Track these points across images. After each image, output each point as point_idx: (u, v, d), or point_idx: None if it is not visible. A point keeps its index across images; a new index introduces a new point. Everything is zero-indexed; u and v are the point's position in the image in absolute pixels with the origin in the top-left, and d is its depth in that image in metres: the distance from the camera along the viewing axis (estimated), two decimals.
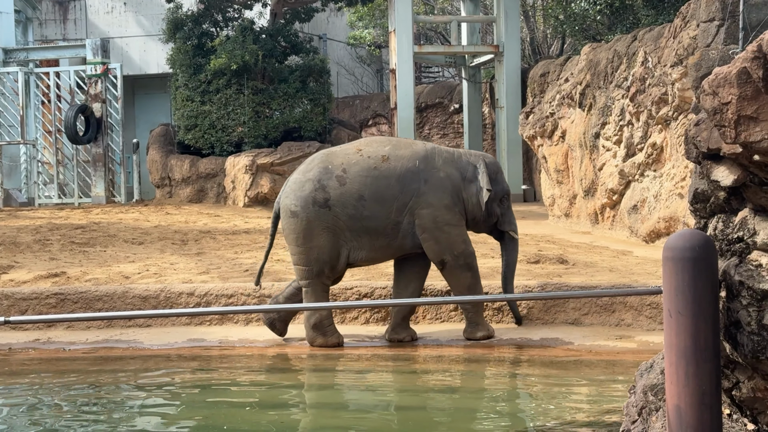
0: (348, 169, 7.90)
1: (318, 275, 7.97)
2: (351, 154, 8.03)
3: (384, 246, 8.00)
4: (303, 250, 7.94)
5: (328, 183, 7.88)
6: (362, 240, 7.93)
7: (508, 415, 6.41)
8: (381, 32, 26.81)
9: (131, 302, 8.99)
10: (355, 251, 7.97)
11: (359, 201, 7.84)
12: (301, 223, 7.91)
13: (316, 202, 7.86)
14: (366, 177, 7.86)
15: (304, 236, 7.91)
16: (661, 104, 11.43)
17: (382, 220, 7.87)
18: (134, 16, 24.25)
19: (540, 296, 8.69)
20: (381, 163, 7.92)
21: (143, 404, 6.75)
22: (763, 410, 3.70)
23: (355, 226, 7.88)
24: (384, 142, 8.21)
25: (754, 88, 3.25)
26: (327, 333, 8.06)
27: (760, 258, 3.48)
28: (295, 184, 8.05)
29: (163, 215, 16.88)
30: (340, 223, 7.87)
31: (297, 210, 7.92)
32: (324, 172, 7.93)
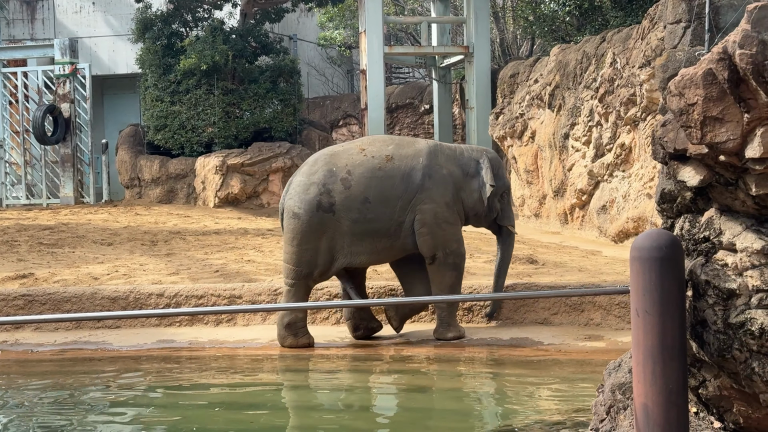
0: (352, 171, 7.91)
1: (305, 277, 7.98)
2: (355, 154, 8.02)
3: (387, 248, 8.02)
4: (297, 251, 7.93)
5: (333, 187, 7.87)
6: (364, 244, 7.92)
7: (478, 414, 6.43)
8: (351, 33, 26.79)
9: (100, 303, 8.94)
10: (354, 256, 7.95)
11: (364, 204, 7.86)
12: (301, 226, 7.90)
13: (321, 207, 7.87)
14: (371, 179, 7.88)
15: (301, 238, 7.90)
16: (630, 105, 11.52)
17: (386, 221, 7.89)
18: (103, 16, 24.07)
19: (510, 296, 8.72)
20: (385, 163, 7.95)
21: (112, 406, 6.71)
22: (729, 408, 3.74)
23: (358, 230, 7.87)
24: (387, 141, 8.24)
25: (719, 89, 3.29)
26: (298, 333, 8.04)
27: (725, 257, 3.51)
28: (300, 186, 8.00)
29: (132, 216, 16.78)
30: (342, 228, 7.87)
31: (300, 213, 7.91)
32: (329, 175, 7.91)
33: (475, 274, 9.47)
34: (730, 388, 3.64)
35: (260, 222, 16.11)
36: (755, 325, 3.35)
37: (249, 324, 8.89)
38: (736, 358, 3.46)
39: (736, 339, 3.44)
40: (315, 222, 7.85)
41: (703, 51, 6.37)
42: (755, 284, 3.37)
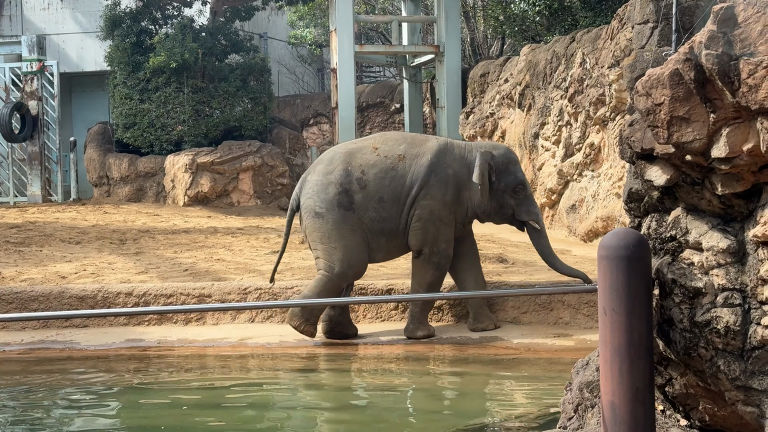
0: (367, 171, 7.97)
1: (339, 275, 7.99)
2: (368, 153, 8.08)
3: (398, 246, 8.14)
4: (328, 248, 7.97)
5: (350, 186, 7.94)
6: (380, 241, 8.04)
7: (448, 413, 6.44)
8: (322, 31, 26.75)
9: (68, 302, 8.87)
10: (374, 252, 8.10)
11: (379, 203, 7.94)
12: (327, 224, 7.95)
13: (341, 205, 7.92)
14: (384, 178, 7.95)
15: (329, 236, 7.95)
16: (599, 105, 11.58)
17: (396, 219, 7.98)
18: (71, 13, 23.88)
19: (480, 294, 8.73)
20: (397, 162, 8.01)
21: (79, 406, 6.67)
22: (695, 406, 3.77)
23: (375, 228, 7.97)
24: (399, 140, 8.26)
25: (686, 89, 3.31)
26: (310, 320, 8.03)
27: (692, 256, 3.54)
28: (318, 185, 8.03)
29: (101, 214, 16.66)
30: (364, 226, 7.96)
31: (322, 212, 7.96)
32: (345, 175, 7.97)
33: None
34: (697, 386, 3.67)
35: (230, 221, 16.05)
36: (721, 324, 3.38)
37: (218, 323, 8.85)
38: (702, 356, 3.48)
39: (702, 337, 3.46)
40: (339, 219, 7.92)
41: (670, 51, 6.43)
42: (721, 283, 3.40)
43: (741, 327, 3.34)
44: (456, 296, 9.20)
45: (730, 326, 3.35)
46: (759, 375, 3.31)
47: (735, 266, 3.38)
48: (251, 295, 8.87)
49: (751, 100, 3.09)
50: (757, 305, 3.31)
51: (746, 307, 3.34)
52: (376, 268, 10.06)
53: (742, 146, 3.22)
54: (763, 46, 3.05)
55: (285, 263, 10.57)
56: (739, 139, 3.23)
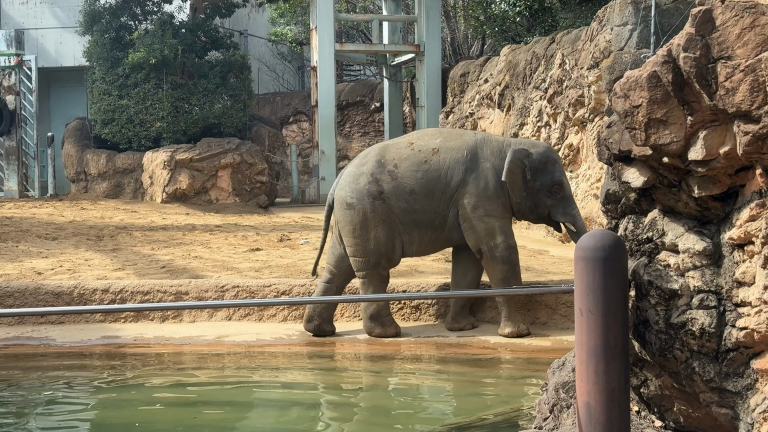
0: (399, 165, 7.97)
1: (374, 266, 8.02)
2: (403, 148, 8.09)
3: (432, 240, 8.09)
4: (359, 242, 8.00)
5: (381, 177, 7.96)
6: (413, 234, 8.01)
7: (424, 412, 6.44)
8: (302, 29, 26.71)
9: (43, 299, 8.82)
10: (407, 245, 8.07)
11: (410, 195, 7.92)
12: (357, 215, 7.97)
13: (371, 195, 7.94)
14: (416, 172, 7.92)
15: (360, 228, 7.97)
16: (578, 106, 11.62)
17: (430, 213, 7.94)
18: (50, 8, 23.74)
19: (457, 294, 8.74)
20: (431, 156, 7.97)
21: (54, 402, 6.63)
22: (670, 407, 3.79)
23: (407, 220, 7.95)
24: (435, 135, 8.24)
25: (663, 91, 3.32)
26: (385, 323, 8.10)
27: (668, 258, 3.55)
28: (350, 177, 8.10)
29: (78, 210, 16.57)
30: (394, 216, 7.95)
31: (353, 202, 7.99)
32: (377, 166, 8.00)
33: (423, 272, 9.50)
34: (671, 388, 3.69)
35: (208, 218, 16.00)
36: (696, 326, 3.39)
37: (195, 320, 8.82)
38: (677, 358, 3.50)
39: (677, 339, 3.48)
40: (368, 209, 7.94)
41: (649, 53, 6.45)
42: (696, 285, 3.42)
43: (716, 329, 3.36)
44: (435, 296, 9.20)
45: (705, 328, 3.37)
46: (733, 377, 3.33)
47: (711, 268, 3.40)
48: (228, 292, 8.84)
49: (728, 103, 3.10)
50: (732, 307, 3.33)
51: (721, 309, 3.36)
52: None
53: (719, 149, 3.24)
54: (740, 49, 3.06)
55: (263, 261, 10.55)
56: (716, 141, 3.25)
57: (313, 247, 11.46)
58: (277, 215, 16.77)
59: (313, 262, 8.72)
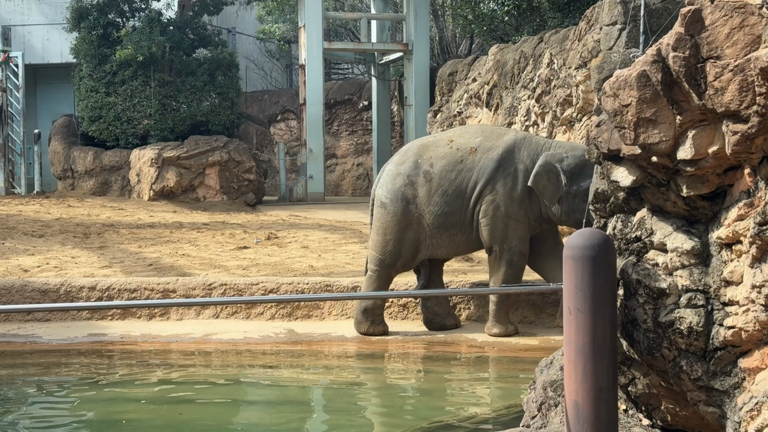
0: (435, 164, 7.93)
1: (388, 267, 8.04)
2: (441, 146, 8.04)
3: (464, 241, 8.03)
4: (382, 240, 8.02)
5: (416, 179, 7.94)
6: (442, 237, 7.96)
7: (411, 410, 6.45)
8: (290, 27, 26.68)
9: (30, 296, 8.78)
10: (435, 249, 8.02)
11: (442, 197, 7.88)
12: (387, 215, 8.00)
13: (404, 198, 7.95)
14: (450, 172, 7.88)
15: (387, 228, 8.00)
16: (566, 105, 11.63)
17: (461, 214, 7.89)
18: (37, 4, 23.64)
19: (445, 292, 8.74)
20: (468, 155, 7.92)
21: (40, 400, 6.61)
22: (657, 406, 3.80)
23: (437, 223, 7.91)
24: (476, 133, 8.18)
25: (653, 91, 3.33)
26: (375, 321, 8.10)
27: (656, 257, 3.56)
28: (389, 175, 8.11)
29: (65, 208, 16.51)
30: (423, 221, 7.93)
31: (386, 202, 8.02)
32: (414, 167, 7.98)
33: (411, 271, 9.49)
34: (659, 386, 3.70)
35: (196, 216, 15.97)
36: (684, 324, 3.40)
37: (182, 318, 8.80)
38: (665, 357, 3.51)
39: (665, 338, 3.49)
40: (399, 212, 7.95)
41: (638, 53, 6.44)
42: (684, 284, 3.43)
43: (704, 328, 3.37)
44: (425, 294, 9.21)
45: (693, 327, 3.38)
46: (721, 376, 3.34)
47: (699, 267, 3.41)
48: (216, 290, 8.83)
49: (717, 103, 3.11)
50: (720, 306, 3.34)
51: (709, 308, 3.37)
52: (342, 265, 10.06)
53: (708, 148, 3.25)
54: (729, 49, 3.07)
55: (251, 259, 10.54)
56: (705, 141, 3.25)
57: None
58: (264, 213, 16.75)
59: (302, 262, 8.71)
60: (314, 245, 11.88)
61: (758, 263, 3.14)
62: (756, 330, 3.18)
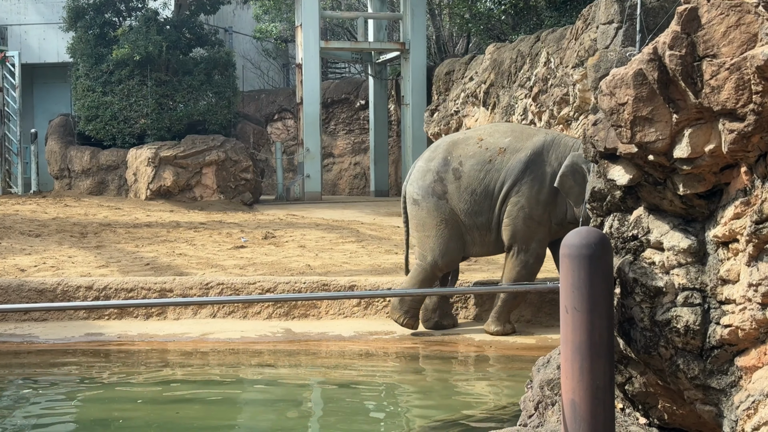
0: (464, 162, 7.89)
1: (432, 264, 8.00)
2: (471, 145, 7.99)
3: (493, 241, 7.98)
4: (423, 237, 8.01)
5: (446, 176, 7.91)
6: (474, 234, 7.95)
7: (408, 409, 6.44)
8: (287, 26, 26.66)
9: (27, 295, 8.77)
10: (470, 245, 8.01)
11: (471, 196, 7.85)
12: (421, 212, 7.99)
13: (435, 193, 7.93)
14: (479, 171, 7.84)
15: (423, 224, 7.98)
16: (563, 104, 11.64)
17: (488, 214, 7.86)
18: (33, 4, 23.61)
19: (442, 291, 8.74)
20: (496, 155, 7.87)
21: (37, 399, 6.60)
22: (654, 404, 3.80)
23: (468, 221, 7.89)
24: (506, 132, 8.10)
25: (649, 89, 3.33)
26: (409, 313, 8.07)
27: (653, 256, 3.56)
28: (419, 172, 8.10)
29: (61, 207, 16.50)
30: (457, 216, 7.90)
31: (418, 199, 8.01)
32: (443, 164, 7.95)
33: None
34: (656, 385, 3.70)
35: (193, 215, 15.95)
36: (680, 323, 3.40)
37: (179, 318, 8.80)
38: (661, 355, 3.51)
39: (662, 336, 3.49)
40: (432, 208, 7.93)
41: (634, 51, 6.45)
42: (681, 282, 3.43)
43: (701, 326, 3.37)
44: (417, 293, 9.20)
45: (689, 326, 3.38)
46: (717, 374, 3.34)
47: (695, 266, 3.41)
48: (213, 290, 8.82)
49: (713, 102, 3.11)
50: (716, 305, 3.34)
51: (706, 306, 3.37)
52: (339, 264, 10.06)
53: (704, 147, 3.24)
54: (726, 47, 3.07)
55: (248, 258, 10.53)
56: (701, 139, 3.25)
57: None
58: (261, 213, 16.74)
59: (299, 262, 8.70)
60: (311, 244, 11.88)
61: (755, 261, 3.14)
62: (753, 328, 3.18)
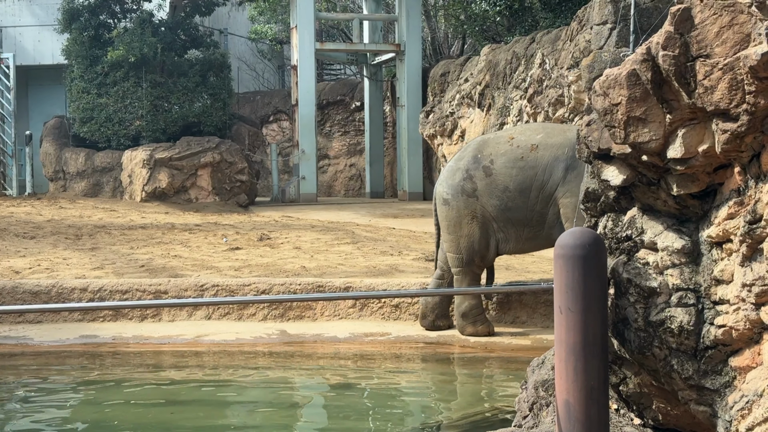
0: (495, 160, 7.81)
1: (468, 264, 7.94)
2: (501, 143, 7.93)
3: (531, 237, 7.88)
4: (454, 238, 7.94)
5: (475, 173, 7.84)
6: (509, 231, 7.86)
7: (403, 411, 6.44)
8: (283, 28, 26.66)
9: (21, 297, 8.76)
10: (503, 242, 7.91)
11: (504, 192, 7.75)
12: (451, 211, 7.93)
13: (464, 191, 7.86)
14: (512, 168, 7.74)
15: (454, 224, 7.92)
16: (558, 105, 11.64)
17: (525, 211, 7.75)
18: (28, 6, 23.60)
19: (437, 292, 8.74)
20: (529, 152, 7.76)
21: (32, 402, 6.58)
22: (648, 405, 3.80)
23: (502, 217, 7.81)
24: (537, 130, 8.06)
25: (643, 90, 3.33)
26: (477, 322, 8.03)
27: (647, 256, 3.56)
28: (448, 171, 8.06)
29: (56, 209, 16.47)
30: (488, 214, 7.83)
31: (448, 198, 7.96)
32: (473, 161, 7.89)
33: (404, 272, 9.49)
34: (650, 385, 3.70)
35: (188, 217, 15.94)
36: (674, 323, 3.40)
37: (174, 320, 8.78)
38: (656, 356, 3.51)
39: (656, 337, 3.49)
40: (461, 206, 7.87)
41: (628, 52, 6.45)
42: (675, 283, 3.43)
43: (695, 327, 3.37)
44: (416, 294, 9.20)
45: (683, 326, 3.38)
46: (711, 374, 3.34)
47: (689, 266, 3.41)
48: (208, 291, 8.81)
49: (706, 102, 3.11)
50: (710, 305, 3.34)
51: (700, 307, 3.37)
52: (334, 265, 10.05)
53: (698, 147, 3.25)
54: (719, 47, 3.07)
55: (243, 260, 10.52)
56: (695, 140, 3.25)
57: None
58: (257, 214, 16.73)
59: (294, 263, 8.70)
60: (307, 246, 11.87)
61: (748, 262, 3.14)
62: (746, 329, 3.18)
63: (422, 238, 12.63)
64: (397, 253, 10.98)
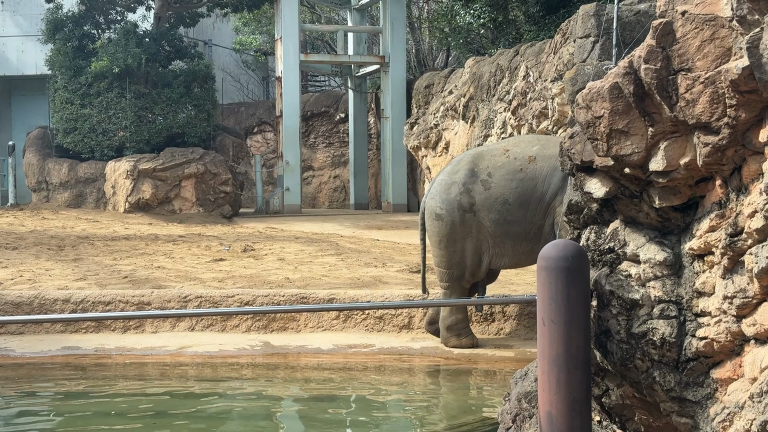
0: (493, 173, 7.70)
1: (458, 279, 7.88)
2: (498, 155, 7.81)
3: (527, 251, 7.77)
4: (445, 254, 7.85)
5: (473, 187, 7.71)
6: (505, 246, 7.74)
7: (385, 424, 6.43)
8: (267, 39, 26.67)
9: (2, 309, 8.70)
10: (497, 258, 7.80)
11: (503, 205, 7.64)
12: (445, 227, 7.80)
13: (461, 207, 7.74)
14: (511, 181, 7.63)
15: (447, 240, 7.80)
16: (542, 118, 11.69)
17: (525, 224, 7.64)
18: (11, 16, 23.54)
19: (421, 304, 8.75)
20: (527, 164, 7.66)
21: (12, 414, 6.54)
22: (631, 417, 3.80)
23: (499, 232, 7.69)
24: (533, 142, 7.96)
25: (625, 102, 3.35)
26: (461, 334, 7.97)
27: (629, 268, 3.57)
28: (441, 185, 7.89)
29: (39, 220, 16.40)
30: (484, 229, 7.72)
31: (442, 213, 7.81)
32: (470, 175, 7.75)
33: (388, 283, 9.49)
34: (633, 397, 3.71)
35: (171, 228, 15.90)
36: (657, 335, 3.41)
37: (157, 331, 8.75)
38: (638, 368, 3.52)
39: (638, 348, 3.50)
40: (457, 222, 7.75)
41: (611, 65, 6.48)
42: (657, 295, 3.44)
43: (676, 339, 3.38)
44: (400, 306, 9.21)
45: (665, 338, 3.39)
46: (693, 386, 3.35)
47: (671, 279, 3.43)
48: (191, 302, 8.79)
49: (688, 115, 3.13)
50: (692, 317, 3.35)
51: (682, 319, 3.39)
52: (318, 277, 10.04)
53: (680, 160, 3.26)
54: (700, 61, 3.09)
55: (227, 271, 10.50)
56: (677, 152, 3.27)
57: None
58: (241, 225, 16.70)
59: (278, 275, 8.68)
60: (290, 257, 11.85)
61: (730, 274, 3.15)
62: (728, 341, 3.20)
63: (406, 249, 12.64)
64: (381, 264, 10.98)
